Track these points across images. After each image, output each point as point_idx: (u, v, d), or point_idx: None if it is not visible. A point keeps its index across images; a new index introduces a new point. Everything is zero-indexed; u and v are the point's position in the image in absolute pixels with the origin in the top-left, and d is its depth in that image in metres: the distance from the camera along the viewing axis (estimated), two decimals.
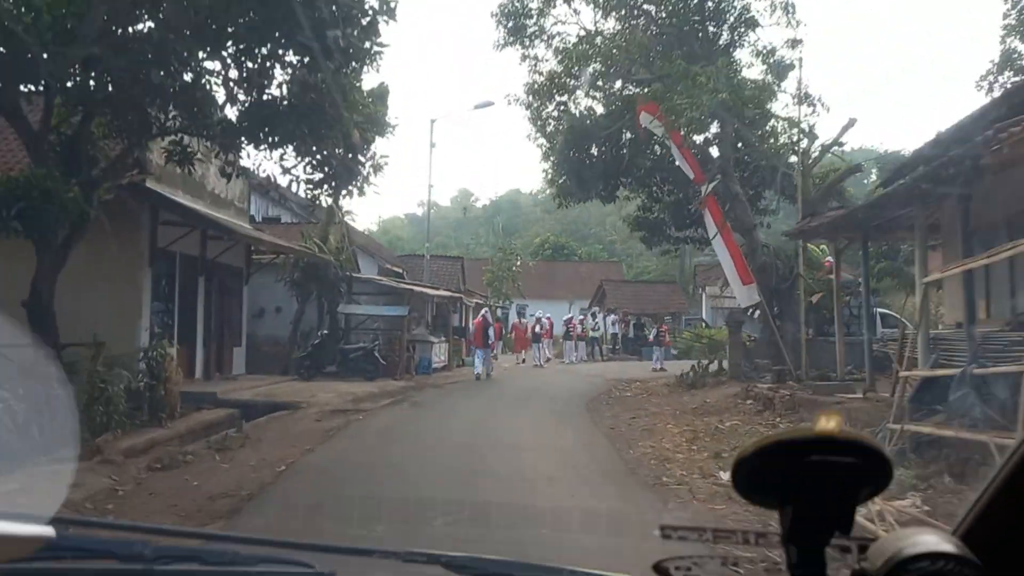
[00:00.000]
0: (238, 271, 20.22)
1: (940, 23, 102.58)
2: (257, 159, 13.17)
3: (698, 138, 19.40)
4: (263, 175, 13.65)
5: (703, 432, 12.29)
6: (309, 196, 13.82)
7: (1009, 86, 28.03)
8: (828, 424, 0.97)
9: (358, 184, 13.37)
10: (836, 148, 19.62)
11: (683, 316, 33.65)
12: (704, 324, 37.08)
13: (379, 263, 30.43)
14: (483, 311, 26.01)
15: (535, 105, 20.05)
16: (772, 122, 19.67)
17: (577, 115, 20.26)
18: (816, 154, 19.24)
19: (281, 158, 12.34)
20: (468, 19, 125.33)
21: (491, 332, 24.65)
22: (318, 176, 12.95)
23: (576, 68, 18.51)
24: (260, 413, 14.32)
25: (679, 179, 23.43)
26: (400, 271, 32.46)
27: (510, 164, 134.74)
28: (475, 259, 53.38)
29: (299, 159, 12.51)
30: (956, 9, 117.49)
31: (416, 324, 25.44)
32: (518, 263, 40.04)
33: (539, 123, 20.38)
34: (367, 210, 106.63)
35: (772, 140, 21.18)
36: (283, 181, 14.36)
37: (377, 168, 13.45)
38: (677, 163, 19.27)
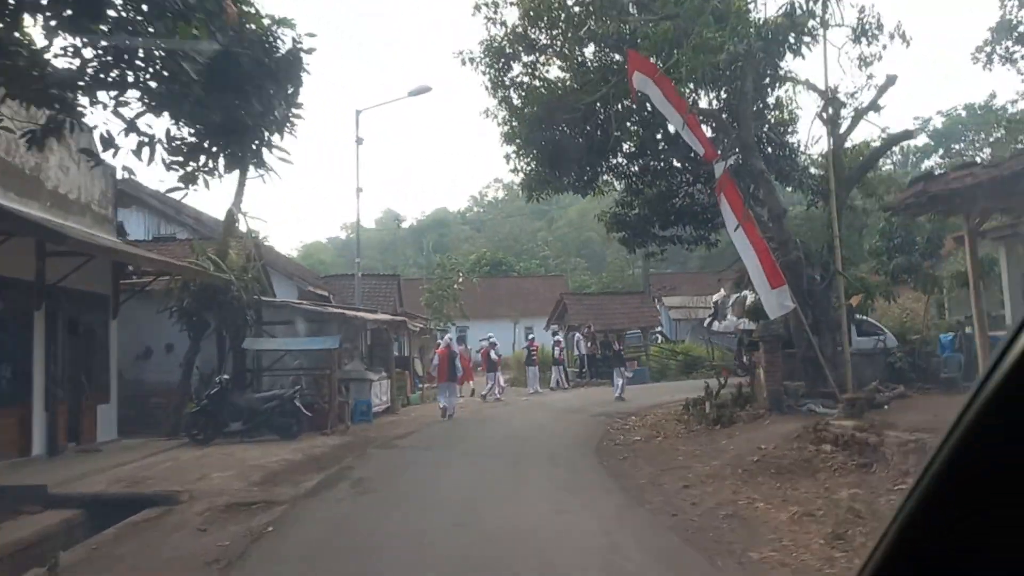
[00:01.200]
0: (101, 300, 14.68)
1: None
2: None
3: (704, 102, 15.03)
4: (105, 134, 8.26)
5: (825, 514, 7.62)
6: (179, 172, 8.48)
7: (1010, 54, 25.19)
8: None
9: (259, 147, 8.15)
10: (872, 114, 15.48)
11: (655, 330, 29.37)
12: (663, 338, 33.01)
13: (300, 285, 25.05)
14: (447, 338, 21.13)
15: (495, 67, 15.27)
16: (787, 87, 15.48)
17: (547, 84, 15.63)
18: (847, 121, 15.06)
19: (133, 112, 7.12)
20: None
21: (458, 363, 19.88)
22: (188, 135, 7.75)
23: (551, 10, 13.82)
24: (116, 514, 8.99)
25: (667, 166, 19.15)
26: (326, 294, 27.14)
27: (438, 181, 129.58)
28: (409, 279, 48.26)
29: (147, 104, 7.28)
30: None
31: (349, 358, 20.19)
32: (460, 280, 35.07)
33: (500, 93, 15.62)
34: (287, 235, 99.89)
35: (787, 106, 17.06)
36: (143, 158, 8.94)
37: (288, 124, 8.27)
38: (682, 138, 14.80)
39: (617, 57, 15.82)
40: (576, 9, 14.30)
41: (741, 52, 12.38)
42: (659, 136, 17.50)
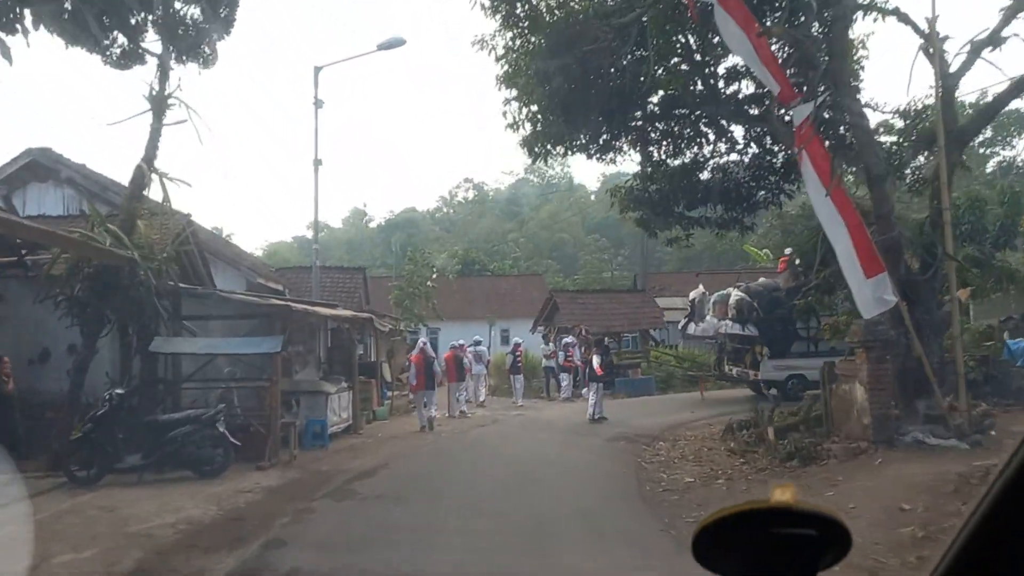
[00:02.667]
0: None
1: None
2: None
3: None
4: None
5: None
6: None
7: None
8: (784, 495, 0.95)
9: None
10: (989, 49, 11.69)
11: (655, 331, 25.44)
12: (652, 342, 29.12)
13: (248, 277, 20.65)
14: (421, 341, 17.09)
15: None
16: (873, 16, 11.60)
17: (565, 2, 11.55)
18: (959, 60, 11.21)
19: None
20: None
21: (437, 368, 15.98)
22: None
23: None
24: None
25: (695, 132, 15.23)
26: (280, 288, 22.75)
27: (406, 180, 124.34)
28: (377, 277, 43.91)
29: None
30: None
31: (302, 364, 15.88)
32: (433, 277, 30.82)
33: (504, 7, 11.44)
34: (252, 233, 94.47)
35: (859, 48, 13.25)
36: None
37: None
38: (751, 71, 10.86)
39: None
40: None
41: None
42: (697, 85, 13.55)
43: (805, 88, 10.58)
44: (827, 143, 11.10)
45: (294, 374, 14.75)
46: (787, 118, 12.82)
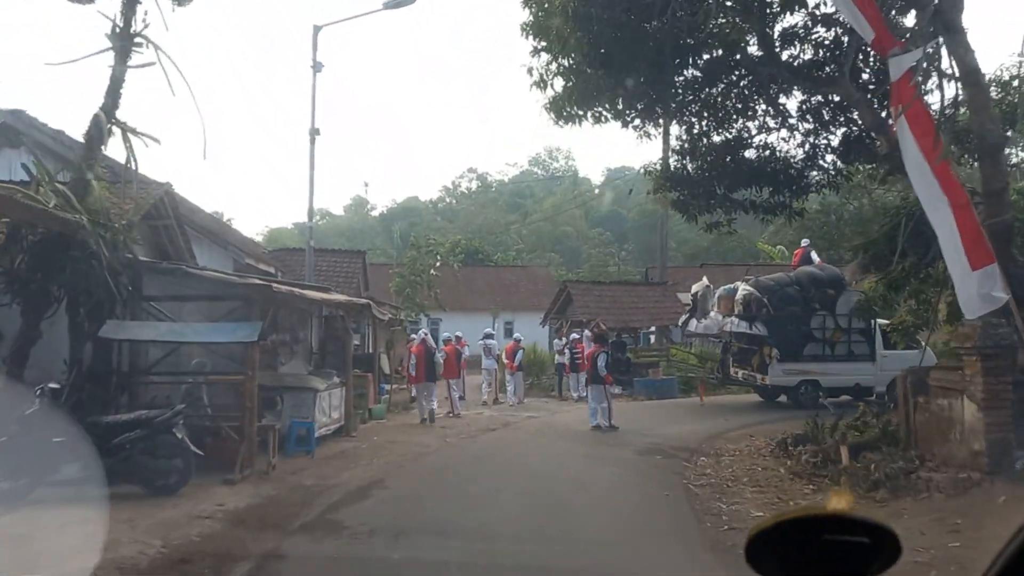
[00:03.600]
0: None
1: None
2: None
3: None
4: None
5: None
6: None
7: None
8: (839, 504, 1.01)
9: None
10: None
11: (673, 328, 23.41)
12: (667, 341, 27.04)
13: (236, 257, 18.60)
14: (421, 333, 15.24)
15: None
16: None
17: None
18: None
19: None
20: None
21: (439, 359, 14.22)
22: None
23: None
24: None
25: (743, 103, 13.21)
26: (272, 270, 20.74)
27: (408, 166, 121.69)
28: (377, 264, 41.87)
29: None
30: None
31: (289, 354, 13.86)
32: (437, 264, 28.72)
33: None
34: (253, 219, 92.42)
35: None
36: None
37: None
38: (837, 12, 8.82)
39: None
40: None
41: None
42: (750, 46, 11.51)
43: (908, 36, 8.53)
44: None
45: (279, 367, 12.74)
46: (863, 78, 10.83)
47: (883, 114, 11.00)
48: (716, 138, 13.68)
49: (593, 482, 9.29)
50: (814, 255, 20.34)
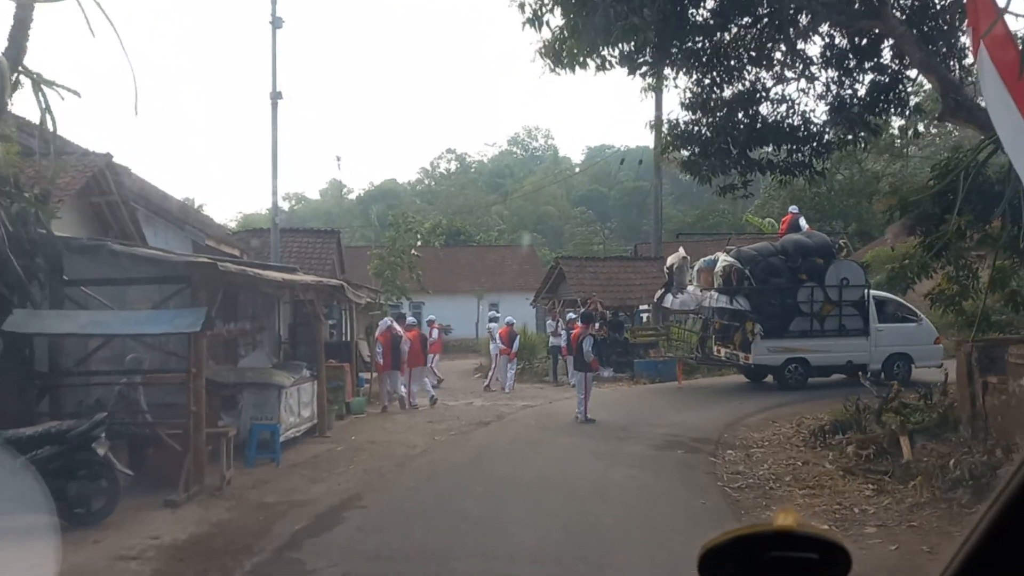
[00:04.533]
0: None
1: None
2: None
3: None
4: None
5: None
6: None
7: None
8: (786, 520, 0.97)
9: None
10: None
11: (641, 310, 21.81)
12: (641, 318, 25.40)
13: (195, 238, 16.74)
14: (385, 320, 13.61)
15: None
16: None
17: None
18: None
19: None
20: None
21: (404, 348, 12.64)
22: None
23: None
24: None
25: (760, 50, 11.60)
26: (237, 253, 18.89)
27: (385, 149, 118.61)
28: (355, 246, 40.04)
29: None
30: None
31: (251, 346, 12.15)
32: (418, 244, 26.96)
33: None
34: (225, 205, 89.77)
35: None
36: None
37: None
38: None
39: None
40: None
41: None
42: None
43: None
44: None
45: (239, 359, 11.02)
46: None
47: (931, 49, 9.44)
48: (728, 92, 12.07)
49: (614, 490, 7.70)
50: (803, 222, 18.46)
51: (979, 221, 9.21)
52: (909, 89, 12.09)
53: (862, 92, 11.98)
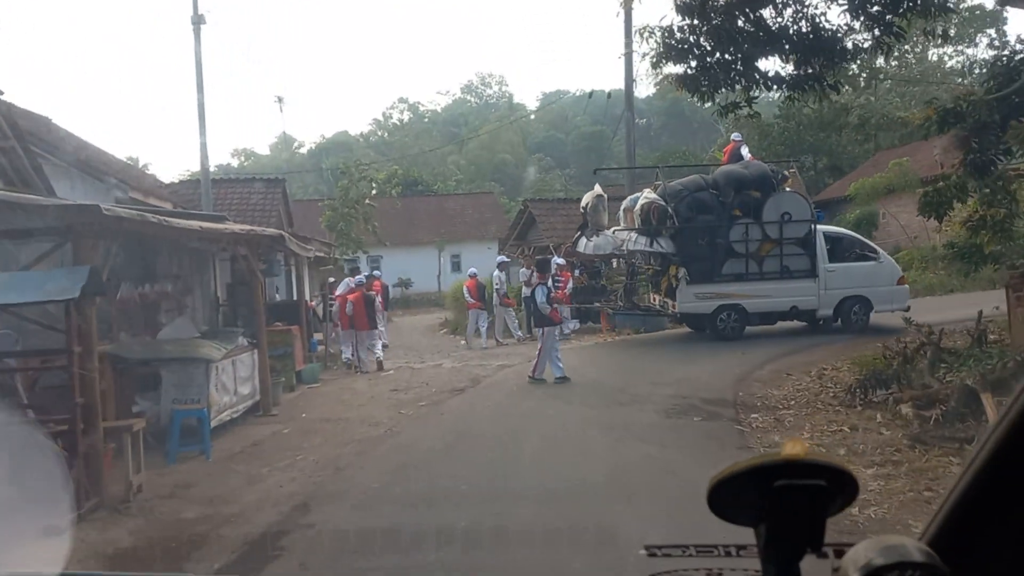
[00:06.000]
0: None
1: None
2: None
3: None
4: None
5: None
6: None
7: None
8: (794, 449, 0.95)
9: None
10: None
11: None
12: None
13: (119, 191, 14.37)
14: (359, 278, 11.80)
15: None
16: None
17: None
18: None
19: None
20: None
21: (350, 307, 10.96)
22: None
23: None
24: None
25: None
26: (171, 207, 16.54)
27: (337, 97, 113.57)
28: (306, 200, 37.55)
29: None
30: None
31: (174, 312, 10.08)
32: (372, 193, 24.72)
33: None
34: (171, 162, 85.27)
35: None
36: None
37: None
38: None
39: None
40: None
41: None
42: None
43: None
44: None
45: (155, 327, 8.96)
46: None
47: None
48: None
49: (637, 479, 5.98)
50: (744, 151, 16.37)
51: None
52: None
53: None
